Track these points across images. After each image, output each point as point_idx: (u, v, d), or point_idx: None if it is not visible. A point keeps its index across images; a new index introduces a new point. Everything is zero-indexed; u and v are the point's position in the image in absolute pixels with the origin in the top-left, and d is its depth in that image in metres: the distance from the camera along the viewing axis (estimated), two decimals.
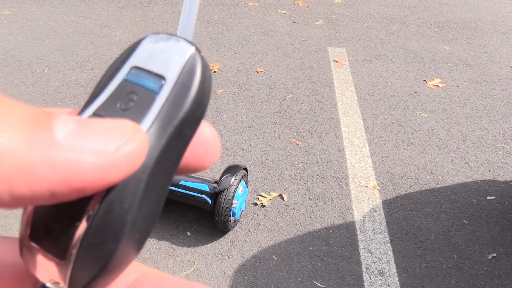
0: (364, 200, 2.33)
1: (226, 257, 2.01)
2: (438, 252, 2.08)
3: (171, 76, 0.19)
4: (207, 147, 0.20)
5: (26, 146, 0.15)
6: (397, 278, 1.96)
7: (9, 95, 2.98)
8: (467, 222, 2.24)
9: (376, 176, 2.48)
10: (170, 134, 0.18)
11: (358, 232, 2.16)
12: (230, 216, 2.00)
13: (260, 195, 2.31)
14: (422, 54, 3.76)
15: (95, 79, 3.20)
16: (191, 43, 0.20)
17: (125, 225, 0.17)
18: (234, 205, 2.00)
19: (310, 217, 2.22)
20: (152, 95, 0.19)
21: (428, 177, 2.50)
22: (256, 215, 2.21)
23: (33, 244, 0.18)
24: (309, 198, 2.32)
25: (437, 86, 3.33)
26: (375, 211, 2.27)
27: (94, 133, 0.16)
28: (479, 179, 2.50)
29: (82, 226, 0.17)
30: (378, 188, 2.41)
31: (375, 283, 1.94)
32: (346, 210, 2.26)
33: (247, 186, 2.12)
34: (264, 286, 1.90)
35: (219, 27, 4.03)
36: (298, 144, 2.67)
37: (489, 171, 2.57)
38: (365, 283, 1.93)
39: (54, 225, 0.17)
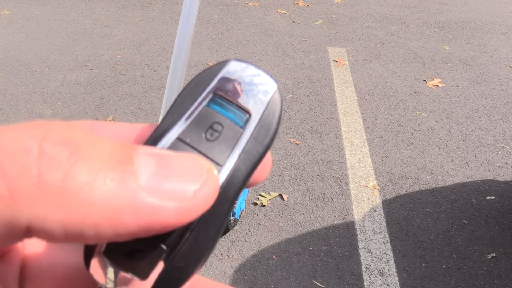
0: (364, 200, 2.33)
1: (226, 257, 2.01)
2: (437, 252, 2.08)
3: (256, 112, 0.20)
4: (263, 165, 0.21)
5: (114, 194, 0.16)
6: (396, 278, 1.96)
7: (9, 95, 2.98)
8: (467, 222, 2.24)
9: (376, 176, 2.48)
10: (250, 168, 0.20)
11: (358, 232, 2.16)
12: (230, 216, 2.00)
13: (260, 195, 2.31)
14: (422, 54, 3.76)
15: (95, 79, 3.20)
16: (274, 80, 0.21)
17: (208, 251, 0.19)
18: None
19: (310, 216, 2.22)
20: (238, 129, 0.20)
21: (428, 177, 2.50)
22: (256, 215, 2.21)
23: (108, 261, 0.19)
24: (309, 198, 2.32)
25: (437, 86, 3.33)
26: (375, 211, 2.28)
27: (173, 175, 0.17)
28: (479, 179, 2.51)
29: (170, 251, 0.18)
30: (378, 188, 2.41)
31: (375, 282, 1.94)
32: (346, 210, 2.27)
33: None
34: (264, 285, 1.91)
35: (219, 27, 4.03)
36: (298, 144, 2.67)
37: (489, 171, 2.57)
38: (364, 283, 1.93)
39: (137, 247, 0.18)
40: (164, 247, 0.18)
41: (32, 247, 0.21)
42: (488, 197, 2.39)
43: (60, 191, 0.15)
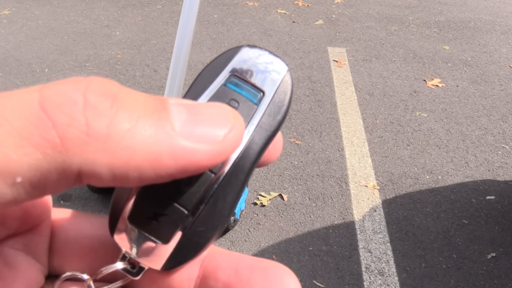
0: (364, 200, 2.33)
1: None
2: (437, 251, 2.08)
3: (269, 91, 0.22)
4: (275, 144, 0.23)
5: (154, 139, 0.17)
6: (396, 278, 1.96)
7: None
8: (466, 222, 2.24)
9: (375, 176, 2.48)
10: (265, 141, 0.21)
11: (358, 232, 2.16)
12: (246, 186, 2.00)
13: (260, 195, 2.31)
14: (422, 54, 3.76)
15: None
16: (285, 62, 0.22)
17: (226, 217, 0.20)
18: None
19: (310, 216, 2.22)
20: (252, 106, 0.21)
21: (427, 176, 2.50)
22: (256, 215, 2.21)
23: (132, 226, 0.20)
24: (309, 198, 2.32)
25: (437, 86, 3.33)
26: (375, 210, 2.28)
27: (204, 121, 0.18)
28: (479, 179, 2.51)
29: (191, 215, 0.20)
30: (378, 187, 2.41)
31: (375, 282, 1.94)
32: (345, 209, 2.27)
33: (247, 186, 2.13)
34: None
35: (219, 27, 4.03)
36: (298, 144, 2.67)
37: (489, 171, 2.57)
38: (364, 283, 1.93)
39: (161, 211, 0.20)
40: (185, 211, 0.20)
41: (59, 220, 0.23)
42: (488, 197, 2.39)
43: (106, 137, 0.17)
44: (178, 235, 0.20)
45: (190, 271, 0.22)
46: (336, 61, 3.56)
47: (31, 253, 0.21)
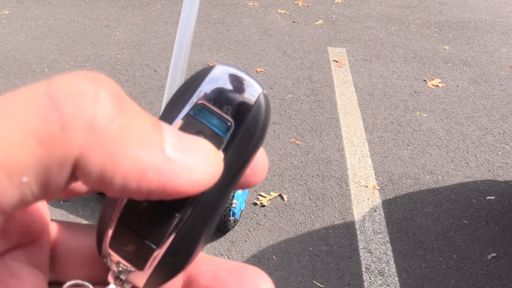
0: (364, 200, 2.33)
1: (226, 257, 2.01)
2: (438, 252, 2.08)
3: (238, 120, 0.20)
4: (254, 169, 0.22)
5: (146, 153, 0.18)
6: (396, 278, 1.96)
7: None
8: (467, 222, 2.24)
9: (376, 176, 2.48)
10: (232, 175, 0.20)
11: (358, 232, 2.16)
12: (230, 216, 2.00)
13: (260, 195, 2.31)
14: (422, 54, 3.76)
15: None
16: (259, 84, 0.21)
17: (195, 248, 0.21)
18: (233, 205, 2.00)
19: (310, 217, 2.22)
20: (219, 138, 0.20)
21: (428, 177, 2.50)
22: (256, 215, 2.21)
23: (112, 252, 0.21)
24: (309, 198, 2.32)
25: (437, 86, 3.33)
26: (375, 211, 2.28)
27: (189, 151, 0.19)
28: (479, 179, 2.51)
29: (159, 250, 0.20)
30: (378, 188, 2.41)
31: (375, 283, 1.94)
32: (346, 210, 2.27)
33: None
34: None
35: (219, 27, 4.03)
36: (298, 144, 2.67)
37: (489, 171, 2.57)
38: (365, 283, 1.93)
39: (134, 245, 0.21)
40: (153, 246, 0.20)
41: (60, 232, 0.24)
42: (488, 197, 2.39)
43: (106, 135, 0.17)
44: (151, 265, 0.21)
45: (175, 278, 0.23)
46: (336, 61, 3.56)
47: (33, 264, 0.22)
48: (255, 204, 2.27)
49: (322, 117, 2.92)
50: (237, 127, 0.20)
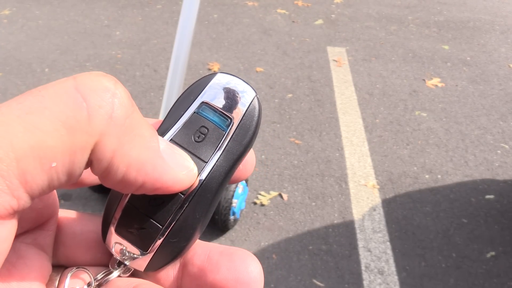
0: (364, 199, 2.34)
1: None
2: (437, 250, 2.09)
3: (237, 117, 0.24)
4: (245, 165, 0.26)
5: (148, 148, 0.21)
6: (396, 277, 1.97)
7: (10, 94, 2.99)
8: (466, 221, 2.25)
9: (375, 175, 2.49)
10: (231, 164, 0.24)
11: (358, 231, 2.16)
12: (230, 215, 2.01)
13: (260, 194, 2.32)
14: (421, 53, 3.77)
15: None
16: (253, 89, 0.25)
17: (196, 230, 0.24)
18: (233, 204, 2.01)
19: (310, 216, 2.23)
20: (221, 132, 0.24)
21: (427, 176, 2.51)
22: (255, 214, 2.22)
23: (118, 236, 0.24)
24: (309, 197, 2.33)
25: (436, 85, 3.34)
26: (375, 210, 2.28)
27: (176, 156, 0.22)
28: (478, 178, 2.51)
29: (165, 229, 0.23)
30: (378, 187, 2.42)
31: (375, 281, 1.94)
32: (345, 209, 2.27)
33: (247, 185, 2.13)
34: (264, 285, 1.91)
35: (219, 27, 4.04)
36: (297, 144, 2.68)
37: (488, 170, 2.57)
38: (364, 282, 1.94)
39: (140, 225, 0.23)
40: (159, 226, 0.23)
41: (67, 218, 0.26)
42: (487, 196, 2.40)
43: (121, 127, 0.20)
44: (155, 245, 0.23)
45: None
46: (336, 61, 3.57)
47: (39, 246, 0.24)
48: (255, 203, 2.27)
49: (321, 116, 2.92)
50: (235, 123, 0.24)
